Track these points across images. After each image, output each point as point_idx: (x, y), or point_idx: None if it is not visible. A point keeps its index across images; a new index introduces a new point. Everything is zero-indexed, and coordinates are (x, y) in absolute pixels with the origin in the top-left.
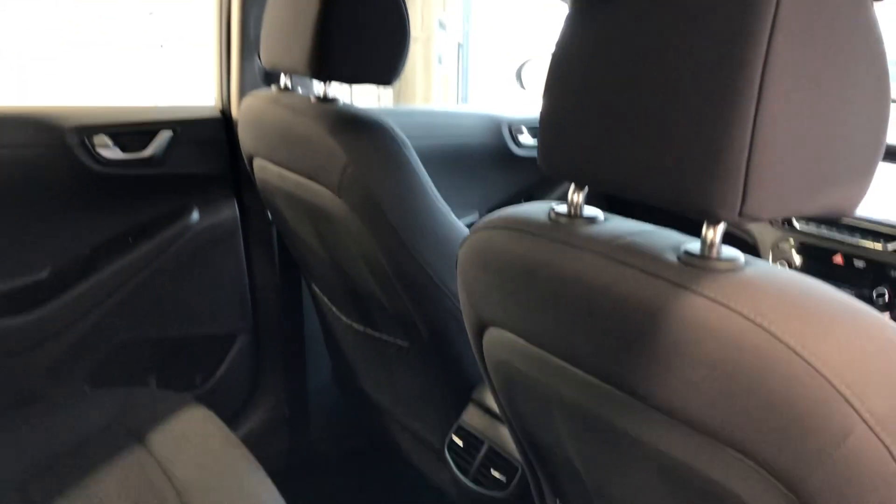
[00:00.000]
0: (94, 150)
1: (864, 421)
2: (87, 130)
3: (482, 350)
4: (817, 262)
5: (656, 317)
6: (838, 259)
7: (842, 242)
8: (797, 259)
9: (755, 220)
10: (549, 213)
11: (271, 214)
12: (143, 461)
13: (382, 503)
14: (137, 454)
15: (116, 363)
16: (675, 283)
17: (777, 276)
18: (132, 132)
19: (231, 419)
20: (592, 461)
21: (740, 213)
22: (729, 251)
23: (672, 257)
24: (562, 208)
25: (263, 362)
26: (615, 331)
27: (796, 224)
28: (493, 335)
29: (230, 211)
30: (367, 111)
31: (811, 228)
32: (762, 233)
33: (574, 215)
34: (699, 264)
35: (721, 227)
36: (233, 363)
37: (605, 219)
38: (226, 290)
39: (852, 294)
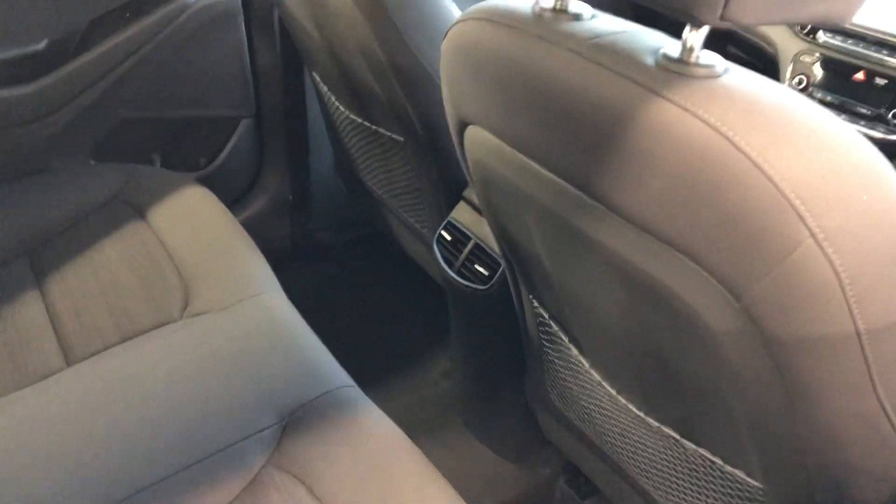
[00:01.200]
0: None
1: (813, 235)
2: None
3: (464, 148)
4: (838, 77)
5: (623, 121)
6: (860, 76)
7: (867, 59)
8: (819, 73)
9: (738, 24)
10: (533, 7)
11: None
12: (144, 235)
13: (379, 292)
14: (138, 228)
15: (119, 140)
16: (645, 87)
17: (753, 86)
18: None
19: (233, 203)
20: (558, 262)
21: (722, 16)
22: (709, 57)
23: (650, 60)
24: (548, 2)
25: (266, 148)
26: (583, 133)
27: (821, 36)
28: (473, 133)
29: None
30: None
31: (836, 42)
32: (784, 43)
33: (558, 10)
34: (675, 68)
35: (703, 31)
36: (236, 147)
37: (593, 16)
38: (227, 72)
39: (869, 113)
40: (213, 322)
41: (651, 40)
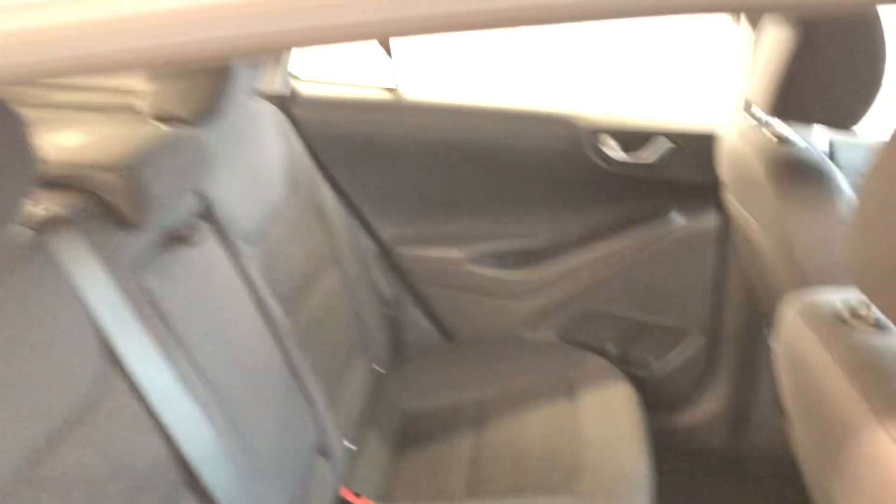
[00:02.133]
0: (601, 149)
1: None
2: (597, 132)
3: None
4: None
5: (847, 441)
6: None
7: None
8: None
9: None
10: (840, 307)
11: None
12: (565, 414)
13: None
14: (565, 405)
15: (582, 326)
16: (872, 412)
17: None
18: (634, 138)
19: (670, 408)
20: None
21: None
22: None
23: None
24: (856, 306)
25: (714, 364)
26: (824, 435)
27: None
28: None
29: (709, 220)
30: (817, 157)
31: None
32: None
33: (862, 317)
34: None
35: None
36: (684, 357)
37: None
38: (691, 288)
39: None
40: None
41: None
